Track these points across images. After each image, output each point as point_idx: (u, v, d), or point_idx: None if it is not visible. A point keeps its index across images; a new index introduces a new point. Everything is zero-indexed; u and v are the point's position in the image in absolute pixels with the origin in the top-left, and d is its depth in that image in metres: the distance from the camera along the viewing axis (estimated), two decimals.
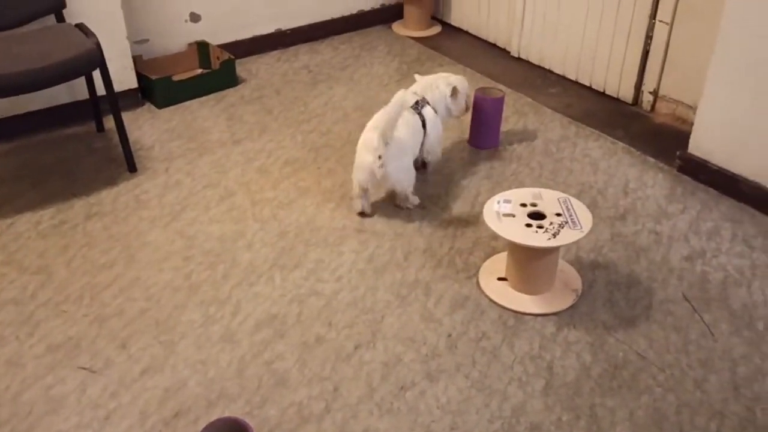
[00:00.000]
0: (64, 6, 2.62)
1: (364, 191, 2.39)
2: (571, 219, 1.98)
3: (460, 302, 2.07)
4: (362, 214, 2.44)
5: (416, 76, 2.68)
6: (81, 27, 2.53)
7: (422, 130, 2.48)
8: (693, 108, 2.80)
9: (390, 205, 2.48)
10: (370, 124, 2.38)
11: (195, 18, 3.35)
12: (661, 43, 2.88)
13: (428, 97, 2.56)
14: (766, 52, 2.26)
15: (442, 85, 2.59)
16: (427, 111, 2.52)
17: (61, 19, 2.64)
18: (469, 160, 2.74)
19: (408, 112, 2.44)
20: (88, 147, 2.81)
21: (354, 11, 3.86)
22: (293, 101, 3.16)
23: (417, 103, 2.50)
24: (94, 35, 2.45)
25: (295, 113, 3.07)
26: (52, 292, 2.09)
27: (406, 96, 2.51)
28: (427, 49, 3.68)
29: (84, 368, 1.84)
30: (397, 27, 3.94)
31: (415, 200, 2.47)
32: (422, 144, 2.52)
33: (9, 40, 2.43)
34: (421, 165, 2.64)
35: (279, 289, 2.11)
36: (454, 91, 2.60)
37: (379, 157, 2.27)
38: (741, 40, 2.31)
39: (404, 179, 2.39)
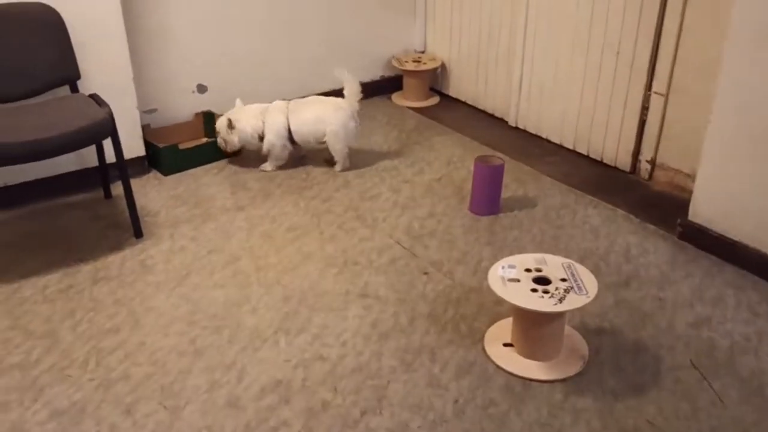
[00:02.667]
0: (78, 77, 2.70)
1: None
2: (577, 284, 2.00)
3: (466, 368, 2.06)
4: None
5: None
6: (94, 97, 2.60)
7: None
8: (691, 176, 2.86)
9: (395, 271, 2.50)
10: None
11: (202, 89, 3.45)
12: (657, 113, 2.97)
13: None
14: (761, 119, 2.33)
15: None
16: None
17: (75, 89, 2.71)
18: (470, 227, 2.78)
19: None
20: (95, 213, 2.84)
21: None
22: (295, 169, 3.22)
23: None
24: (107, 105, 2.52)
25: (297, 180, 3.13)
26: (58, 357, 2.07)
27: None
28: (425, 119, 3.77)
29: None
30: (397, 98, 4.04)
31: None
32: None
33: (26, 110, 2.50)
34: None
35: (284, 353, 2.10)
36: (230, 124, 3.16)
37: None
38: (736, 109, 2.38)
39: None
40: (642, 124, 3.05)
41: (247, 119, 3.14)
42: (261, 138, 3.15)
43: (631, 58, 2.99)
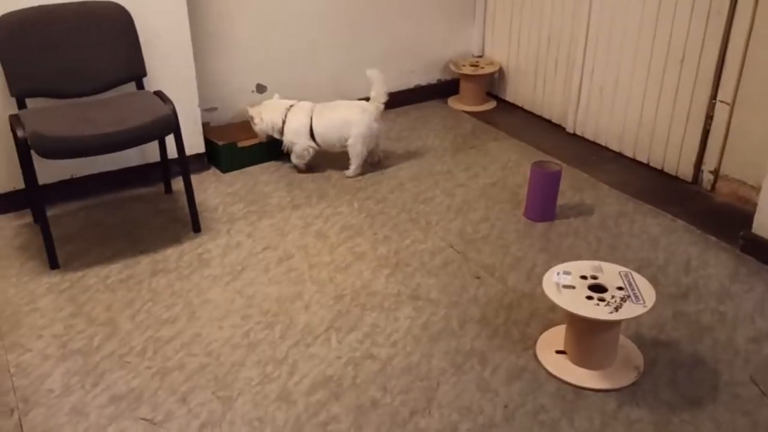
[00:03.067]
0: (144, 74, 2.79)
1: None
2: (634, 293, 1.96)
3: (517, 373, 2.04)
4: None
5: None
6: (159, 94, 2.68)
7: None
8: (756, 188, 2.77)
9: (447, 274, 2.49)
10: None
11: (261, 89, 3.51)
12: (722, 123, 2.89)
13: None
14: None
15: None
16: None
17: (141, 86, 2.80)
18: (524, 232, 2.75)
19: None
20: (156, 207, 2.92)
21: (411, 86, 3.99)
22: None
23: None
24: (171, 102, 2.59)
25: (352, 181, 3.15)
26: (117, 344, 2.14)
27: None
28: (481, 123, 3.76)
29: (145, 419, 1.86)
30: (453, 102, 4.04)
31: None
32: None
33: (97, 105, 2.59)
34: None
35: (335, 351, 2.12)
36: (252, 119, 3.21)
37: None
38: None
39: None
40: (706, 133, 2.97)
41: (268, 113, 3.18)
42: (281, 133, 3.19)
43: (696, 66, 2.92)
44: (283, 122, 3.16)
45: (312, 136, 3.15)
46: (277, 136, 3.21)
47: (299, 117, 3.16)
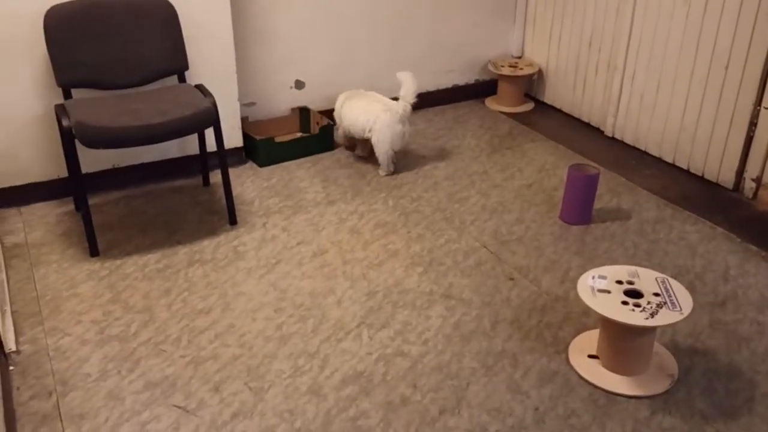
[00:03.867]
0: (186, 68, 2.83)
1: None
2: (670, 300, 1.94)
3: (549, 377, 2.03)
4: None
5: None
6: (200, 88, 2.72)
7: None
8: None
9: (480, 274, 2.49)
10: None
11: (300, 85, 3.54)
12: (766, 130, 2.83)
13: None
14: None
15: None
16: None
17: (182, 79, 2.84)
18: (560, 235, 2.73)
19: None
20: (194, 199, 2.97)
21: (449, 85, 3.98)
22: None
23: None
24: (211, 95, 2.63)
25: (387, 179, 3.16)
26: (154, 332, 2.18)
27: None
28: (518, 125, 3.73)
29: (179, 407, 1.90)
30: (490, 102, 4.02)
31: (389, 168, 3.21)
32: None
33: (140, 97, 2.64)
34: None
35: (366, 347, 2.13)
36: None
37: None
38: None
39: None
40: (749, 140, 2.91)
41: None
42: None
43: (740, 72, 2.86)
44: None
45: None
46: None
47: (341, 101, 3.33)
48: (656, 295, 1.96)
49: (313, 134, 3.42)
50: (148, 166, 3.06)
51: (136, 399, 1.92)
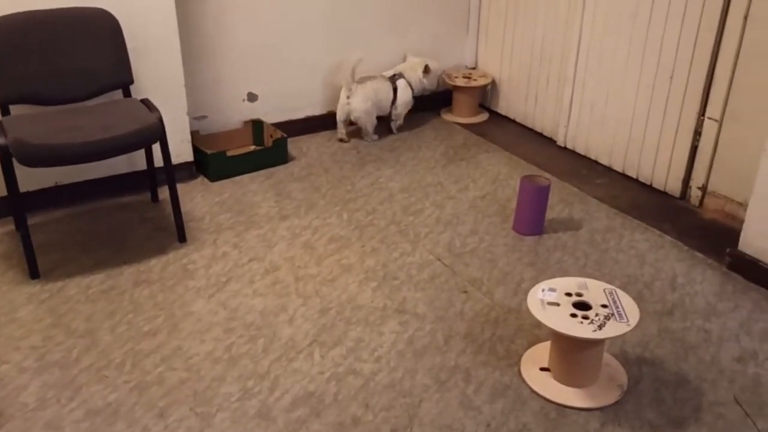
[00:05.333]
0: (131, 82, 2.77)
1: (343, 123, 3.58)
2: (618, 311, 1.95)
3: (501, 391, 2.02)
4: (341, 140, 3.61)
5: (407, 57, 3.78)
6: (146, 102, 2.66)
7: (392, 95, 3.62)
8: (743, 205, 2.77)
9: (434, 287, 2.48)
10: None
11: (252, 98, 3.50)
12: (710, 139, 2.89)
13: (405, 74, 3.67)
14: None
15: (419, 67, 3.67)
16: (400, 83, 3.65)
17: (127, 93, 2.78)
18: (513, 246, 2.74)
19: (382, 79, 3.61)
20: (142, 216, 2.90)
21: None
22: (341, 180, 3.23)
23: (393, 75, 3.64)
24: (157, 110, 2.57)
25: (342, 192, 3.14)
26: (96, 357, 2.11)
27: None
28: (473, 135, 3.75)
29: None
30: (446, 113, 4.03)
31: (373, 136, 3.63)
32: (392, 106, 3.64)
33: (79, 112, 2.57)
34: (390, 128, 3.74)
35: (318, 366, 2.10)
36: (426, 69, 3.66)
37: (348, 97, 3.50)
38: None
39: (364, 118, 3.54)
40: (694, 149, 2.97)
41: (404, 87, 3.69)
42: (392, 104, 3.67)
43: (685, 83, 2.92)
44: (395, 92, 3.65)
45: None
46: (380, 112, 3.63)
47: (405, 90, 3.68)
48: (604, 306, 1.97)
49: (267, 147, 3.38)
50: (93, 182, 2.98)
51: (76, 428, 1.86)
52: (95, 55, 2.67)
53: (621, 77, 3.19)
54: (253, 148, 3.45)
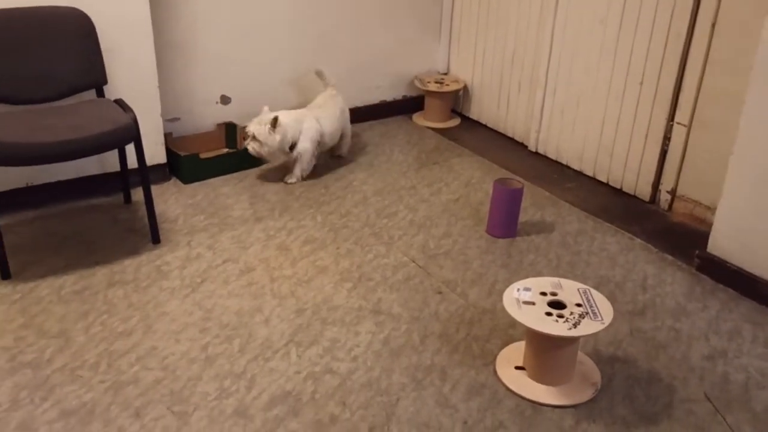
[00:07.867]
0: (105, 82, 2.74)
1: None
2: (592, 310, 1.98)
3: (477, 389, 2.04)
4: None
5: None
6: (120, 102, 2.64)
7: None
8: (711, 208, 2.84)
9: (408, 289, 2.49)
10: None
11: (225, 100, 3.48)
12: (679, 144, 2.96)
13: (255, 131, 3.12)
14: None
15: (267, 122, 3.11)
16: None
17: (101, 94, 2.75)
18: (486, 248, 2.77)
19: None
20: (114, 217, 2.87)
21: (376, 101, 4.00)
22: (315, 183, 3.24)
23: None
24: (132, 111, 2.55)
25: (315, 194, 3.14)
26: (70, 357, 2.08)
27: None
28: (445, 140, 3.78)
29: None
30: (418, 118, 4.06)
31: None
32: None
33: (54, 112, 2.54)
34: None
35: (294, 365, 2.10)
36: (274, 123, 3.10)
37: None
38: (760, 143, 2.37)
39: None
40: (663, 154, 3.04)
41: (288, 123, 3.13)
42: (291, 147, 3.17)
43: (654, 88, 2.99)
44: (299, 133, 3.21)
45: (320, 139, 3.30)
46: (286, 149, 3.16)
47: (312, 123, 3.24)
48: (578, 305, 2.01)
49: (240, 150, 3.37)
50: (64, 183, 2.94)
51: (50, 429, 1.83)
52: (69, 54, 2.64)
53: (592, 82, 3.25)
54: (226, 150, 3.44)
